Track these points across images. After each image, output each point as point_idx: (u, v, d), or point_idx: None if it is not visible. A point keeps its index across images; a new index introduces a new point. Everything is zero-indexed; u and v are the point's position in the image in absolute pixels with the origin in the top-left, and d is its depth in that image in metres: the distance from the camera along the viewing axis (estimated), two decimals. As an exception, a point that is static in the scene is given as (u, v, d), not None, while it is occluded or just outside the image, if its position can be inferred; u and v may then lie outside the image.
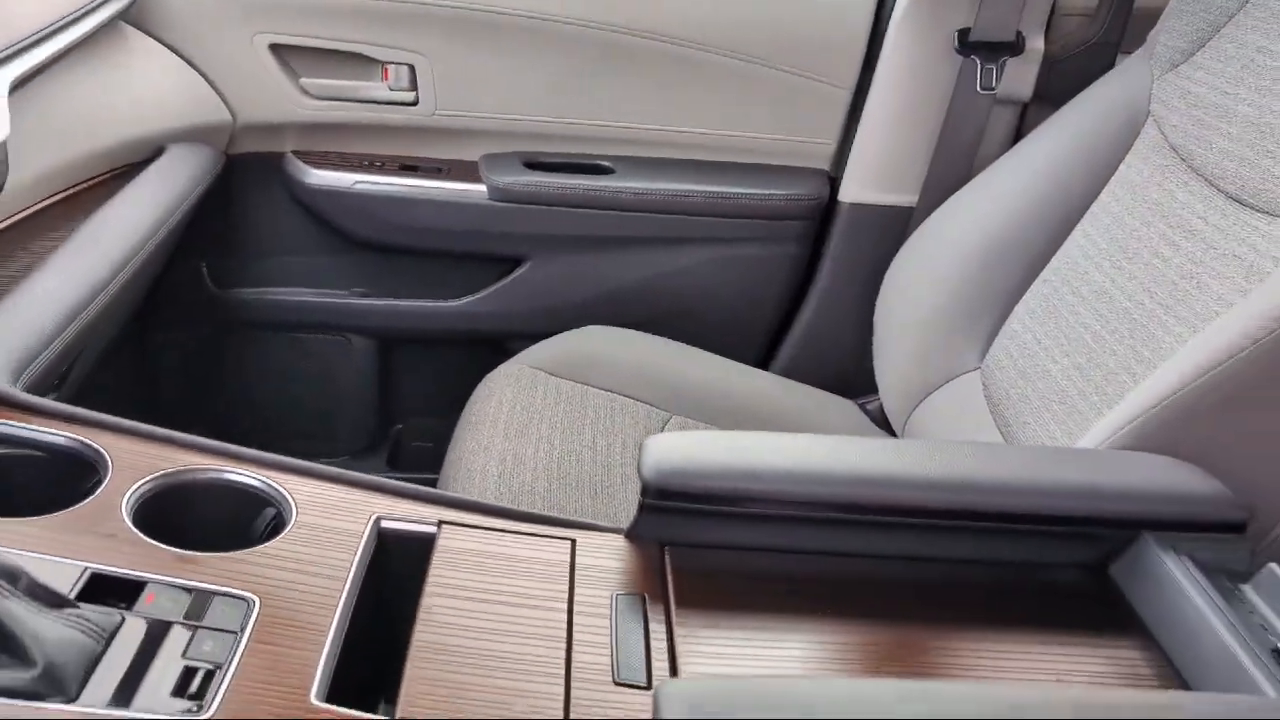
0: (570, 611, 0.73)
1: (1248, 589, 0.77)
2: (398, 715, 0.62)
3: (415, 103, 1.55)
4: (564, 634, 0.71)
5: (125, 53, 1.39)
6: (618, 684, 0.68)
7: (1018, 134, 1.52)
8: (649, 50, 1.51)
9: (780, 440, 0.84)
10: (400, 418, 1.74)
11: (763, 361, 1.64)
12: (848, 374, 1.55)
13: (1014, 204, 1.30)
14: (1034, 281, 1.26)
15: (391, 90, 1.54)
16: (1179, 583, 0.76)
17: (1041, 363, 1.15)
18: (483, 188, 1.54)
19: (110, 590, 0.67)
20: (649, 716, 0.59)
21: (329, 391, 1.68)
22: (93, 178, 1.28)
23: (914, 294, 1.37)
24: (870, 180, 1.53)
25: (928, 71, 1.45)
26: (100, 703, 0.59)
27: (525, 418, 1.23)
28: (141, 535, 0.73)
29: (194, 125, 1.46)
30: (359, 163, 1.57)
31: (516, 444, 1.17)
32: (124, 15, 1.37)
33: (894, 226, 1.50)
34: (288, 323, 1.63)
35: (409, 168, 1.57)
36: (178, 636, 0.65)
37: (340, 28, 1.48)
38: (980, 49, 1.40)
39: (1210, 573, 0.78)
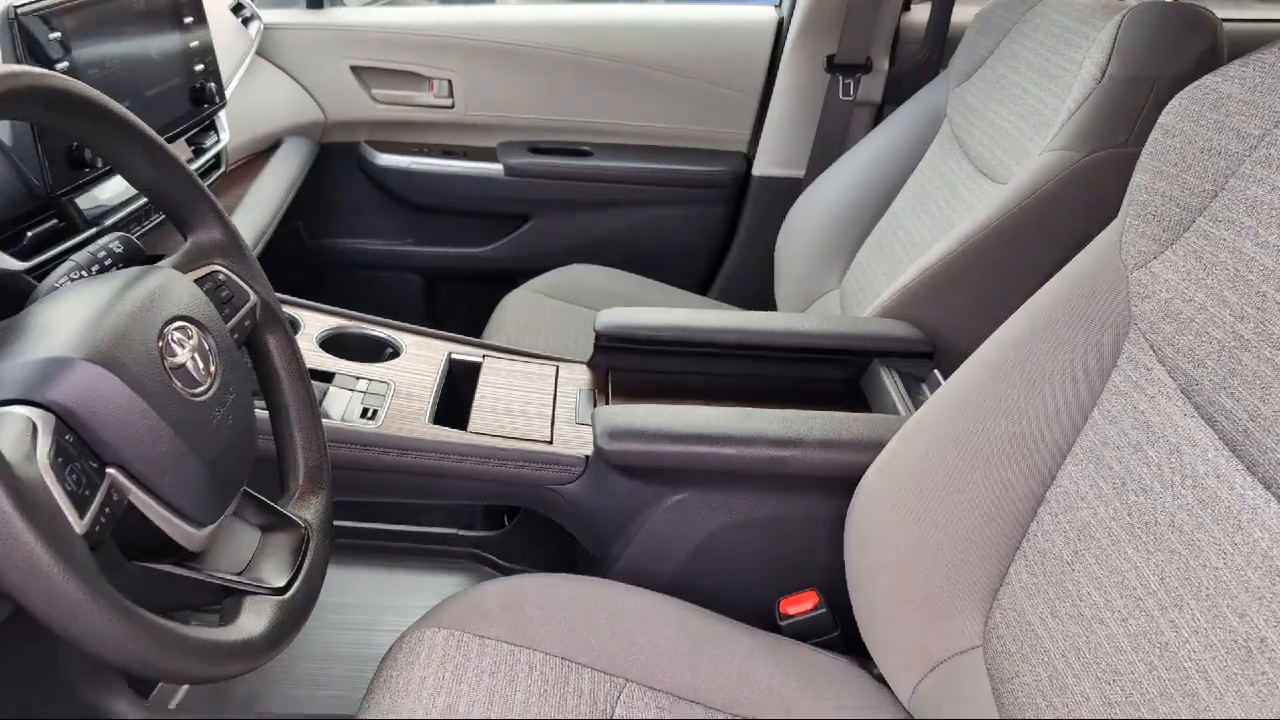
0: (555, 397, 1.37)
1: (925, 386, 1.41)
2: (469, 429, 1.27)
3: (452, 106, 2.18)
4: (550, 405, 1.35)
5: (256, 77, 2.02)
6: (578, 423, 1.31)
7: (875, 125, 2.14)
8: (616, 70, 2.14)
9: (683, 310, 1.48)
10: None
11: (702, 289, 2.28)
12: (762, 294, 2.18)
13: (862, 174, 1.92)
14: (873, 229, 1.88)
15: (435, 97, 2.17)
16: (887, 385, 1.40)
17: (870, 272, 1.78)
18: (499, 166, 2.17)
19: (318, 378, 1.31)
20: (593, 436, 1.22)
21: (392, 314, 2.32)
22: (243, 158, 1.92)
23: (799, 235, 1.99)
24: (771, 160, 2.16)
25: (808, 84, 2.07)
26: (337, 416, 1.23)
27: (530, 321, 1.86)
28: (327, 355, 1.37)
29: (299, 124, 2.10)
30: (412, 149, 2.21)
31: (525, 333, 1.81)
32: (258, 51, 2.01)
33: (788, 190, 2.13)
34: (361, 264, 2.27)
35: (448, 152, 2.21)
36: (356, 395, 1.29)
37: (399, 54, 2.11)
38: (841, 69, 2.02)
39: (906, 379, 1.41)
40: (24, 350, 0.70)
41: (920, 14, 2.10)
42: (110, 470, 0.70)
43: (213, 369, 0.79)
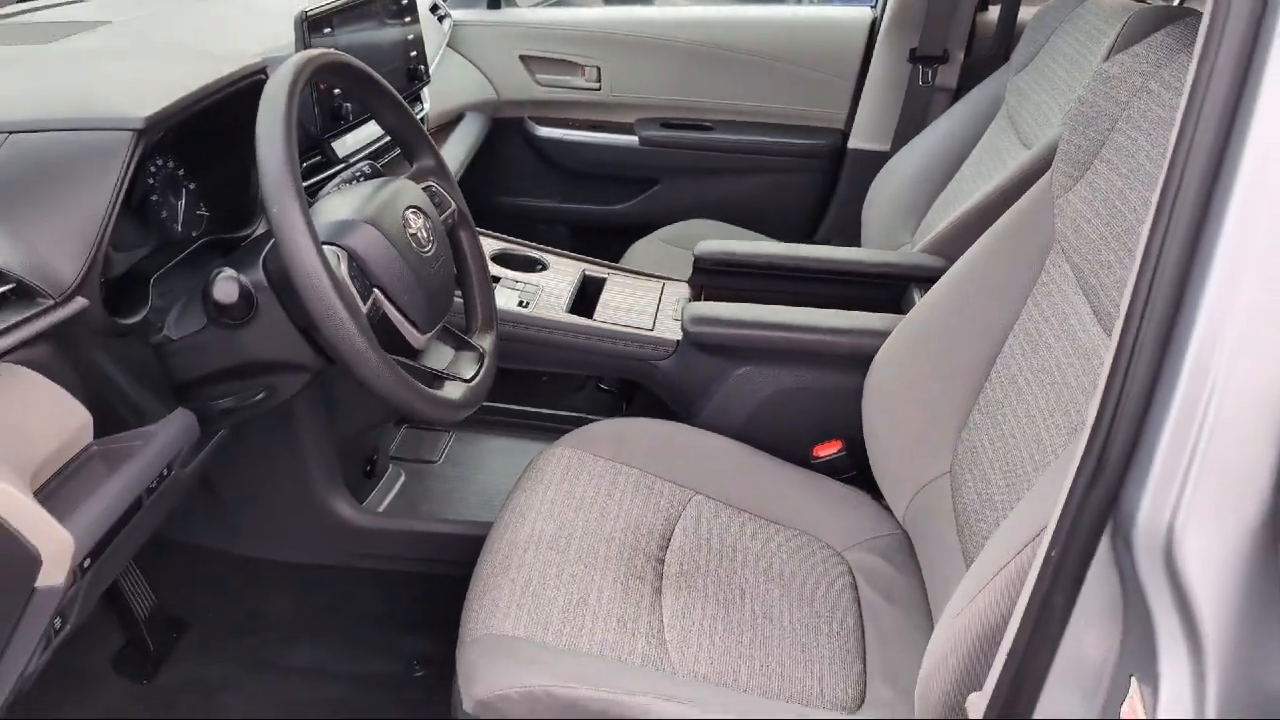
0: (659, 302, 1.82)
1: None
2: (593, 319, 1.73)
3: (599, 89, 2.66)
4: (655, 306, 1.80)
5: (446, 63, 2.55)
6: (673, 319, 1.76)
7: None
8: (734, 59, 2.58)
9: (762, 242, 1.91)
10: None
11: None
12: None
13: (935, 148, 2.30)
14: (941, 192, 2.26)
15: (586, 81, 2.66)
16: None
17: (936, 227, 2.16)
18: (635, 138, 2.65)
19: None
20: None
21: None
22: (432, 128, 2.44)
23: (882, 197, 2.37)
24: (863, 135, 2.56)
25: (894, 72, 2.47)
26: (501, 305, 1.72)
27: (650, 261, 2.32)
28: (496, 265, 1.85)
29: (477, 101, 2.61)
30: (566, 123, 2.70)
31: (645, 268, 2.27)
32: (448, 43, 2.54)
33: (875, 161, 2.51)
34: (520, 216, 2.78)
35: (594, 126, 2.70)
36: (514, 292, 1.77)
37: (559, 46, 2.61)
38: (921, 60, 2.41)
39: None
40: (327, 216, 1.20)
41: (996, 12, 2.46)
42: (374, 289, 1.19)
43: (433, 239, 1.28)
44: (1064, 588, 0.79)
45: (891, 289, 1.86)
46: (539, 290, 1.79)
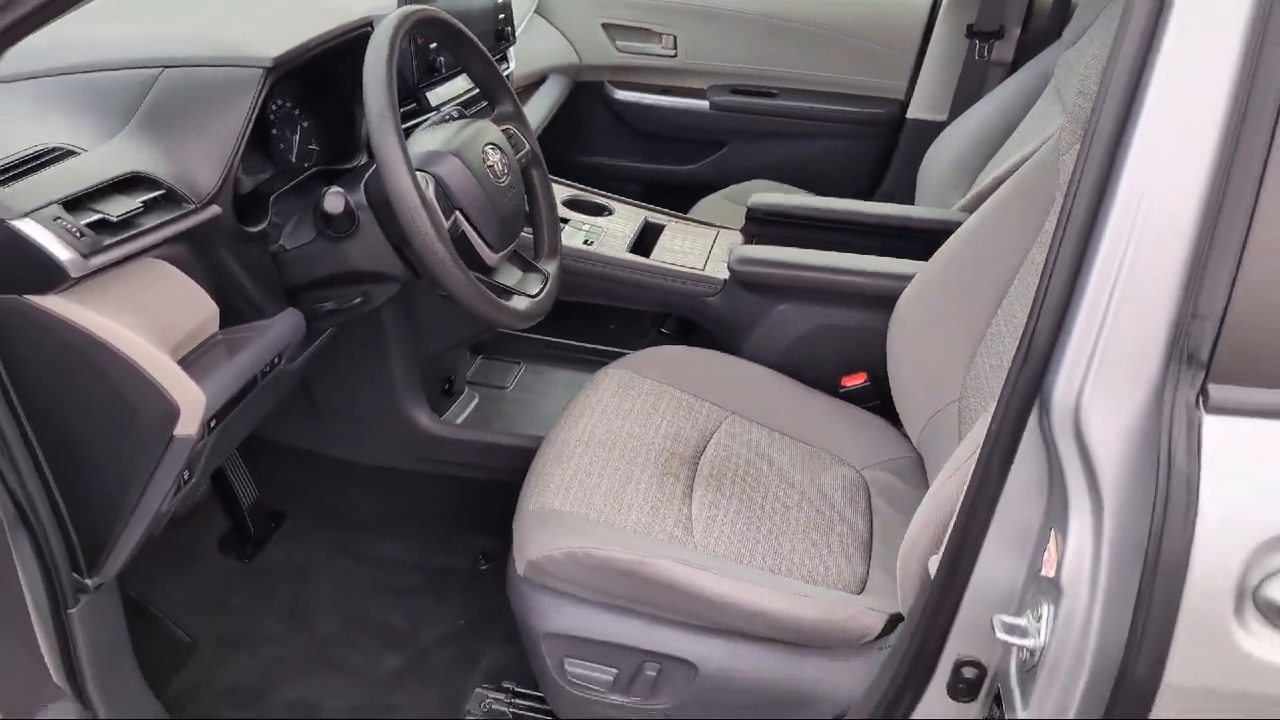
0: (712, 247, 2.01)
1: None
2: (650, 258, 1.93)
3: (674, 56, 2.84)
4: (708, 250, 1.99)
5: (533, 29, 2.75)
6: (723, 261, 1.94)
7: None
8: (801, 31, 2.74)
9: (807, 195, 2.07)
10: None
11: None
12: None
13: (989, 119, 2.42)
14: (990, 160, 2.39)
15: (662, 49, 2.85)
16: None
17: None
18: (706, 103, 2.82)
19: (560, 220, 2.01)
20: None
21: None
22: (519, 88, 2.64)
23: (937, 163, 2.50)
24: (921, 106, 2.70)
25: (952, 46, 2.60)
26: (567, 242, 1.92)
27: (715, 218, 2.50)
28: (565, 209, 2.05)
29: (560, 65, 2.81)
30: (643, 87, 2.89)
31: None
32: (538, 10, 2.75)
33: (932, 130, 2.64)
34: (598, 175, 2.97)
35: (667, 91, 2.88)
36: (581, 232, 1.97)
37: (638, 15, 2.80)
38: (978, 35, 2.54)
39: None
40: (419, 147, 1.42)
41: (1054, -10, 2.57)
42: (456, 211, 1.40)
43: (507, 172, 1.49)
44: (1000, 451, 0.97)
45: (929, 243, 2.01)
46: (603, 231, 1.99)
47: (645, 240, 2.05)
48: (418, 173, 1.37)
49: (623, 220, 2.07)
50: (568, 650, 1.37)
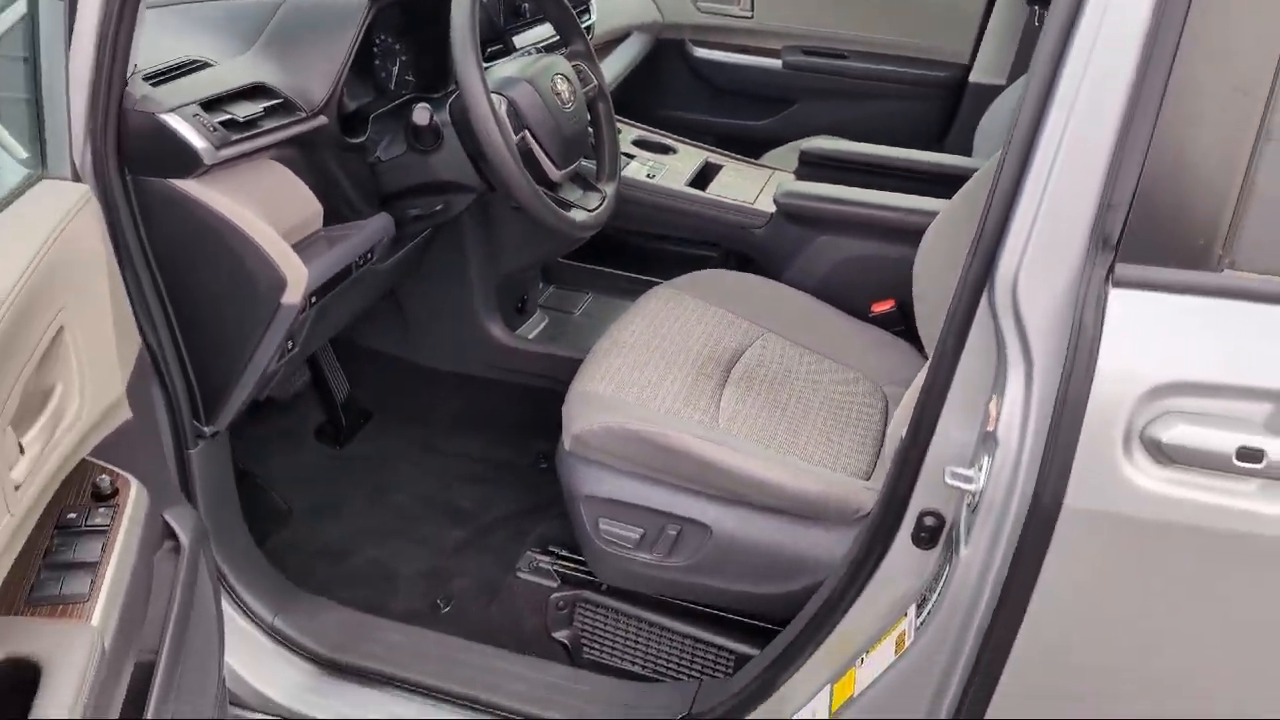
0: (765, 184, 2.19)
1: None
2: (706, 191, 2.12)
3: (751, 17, 3.02)
4: (761, 187, 2.17)
5: (619, -14, 2.96)
6: (772, 197, 2.13)
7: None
8: (871, -5, 2.90)
9: (851, 141, 2.24)
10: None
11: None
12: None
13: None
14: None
15: (740, 10, 3.03)
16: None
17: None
18: (779, 62, 3.00)
19: (626, 155, 2.21)
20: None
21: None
22: (601, 42, 2.85)
23: (996, 117, 2.62)
24: (983, 70, 2.83)
25: (1015, 13, 2.73)
26: (630, 175, 2.13)
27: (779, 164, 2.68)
28: (633, 147, 2.26)
29: (643, 22, 3.01)
30: (720, 46, 3.08)
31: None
32: (622, -31, 2.95)
33: (992, 93, 2.77)
34: (675, 127, 3.16)
35: (744, 49, 3.06)
36: (644, 167, 2.17)
37: (719, -22, 2.99)
38: (1038, 2, 2.66)
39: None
40: (496, 74, 1.64)
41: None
42: (525, 129, 1.62)
43: (573, 99, 1.70)
44: (955, 331, 1.16)
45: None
46: (665, 168, 2.20)
47: (704, 177, 2.24)
48: (494, 94, 1.59)
49: (685, 159, 2.28)
50: (602, 511, 1.59)
